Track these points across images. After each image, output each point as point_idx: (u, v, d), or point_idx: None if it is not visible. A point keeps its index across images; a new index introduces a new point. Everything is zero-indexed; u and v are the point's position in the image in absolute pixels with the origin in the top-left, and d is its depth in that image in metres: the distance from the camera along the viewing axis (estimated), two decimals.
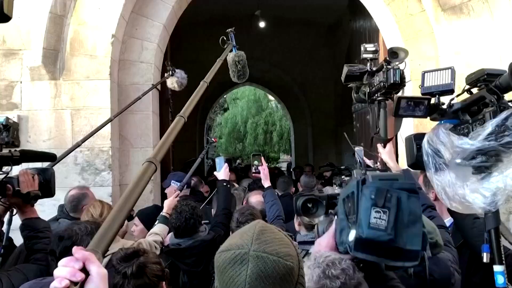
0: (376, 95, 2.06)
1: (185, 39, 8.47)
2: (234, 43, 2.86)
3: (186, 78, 3.79)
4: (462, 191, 1.45)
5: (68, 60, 4.45)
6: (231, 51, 2.88)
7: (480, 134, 1.40)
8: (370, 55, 2.11)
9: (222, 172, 3.49)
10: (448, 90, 1.63)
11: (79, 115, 4.44)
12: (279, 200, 3.35)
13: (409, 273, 1.34)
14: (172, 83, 3.77)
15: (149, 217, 3.30)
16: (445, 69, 1.62)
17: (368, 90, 2.11)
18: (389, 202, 1.23)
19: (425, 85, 1.68)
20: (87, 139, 3.06)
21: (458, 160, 1.45)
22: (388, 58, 1.96)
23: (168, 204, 3.17)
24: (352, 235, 1.29)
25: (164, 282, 2.03)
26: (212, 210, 3.71)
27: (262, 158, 3.53)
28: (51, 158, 2.32)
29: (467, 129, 1.51)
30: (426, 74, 1.68)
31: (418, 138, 1.70)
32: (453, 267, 1.90)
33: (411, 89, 4.72)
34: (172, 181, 4.18)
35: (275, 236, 1.11)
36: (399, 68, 1.94)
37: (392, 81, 1.91)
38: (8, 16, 1.19)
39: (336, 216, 1.52)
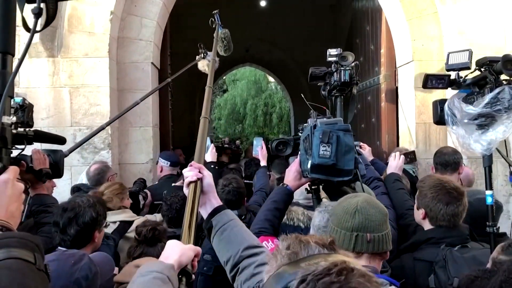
0: (334, 91, 2.57)
1: (185, 18, 8.34)
2: (220, 22, 3.29)
3: (218, 62, 3.74)
4: (468, 141, 2.10)
5: (66, 37, 4.38)
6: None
7: (481, 103, 2.05)
8: (334, 58, 2.51)
9: (209, 154, 3.80)
10: (465, 67, 2.23)
11: (78, 93, 4.39)
12: (277, 182, 3.83)
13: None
14: (203, 65, 3.75)
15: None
16: (464, 50, 2.23)
17: (328, 88, 2.62)
18: (331, 139, 1.81)
19: (449, 63, 2.25)
20: (104, 128, 2.85)
21: (466, 120, 2.09)
22: (338, 61, 2.49)
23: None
24: (309, 163, 1.91)
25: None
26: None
27: (263, 141, 4.09)
28: (61, 141, 2.36)
29: (473, 99, 2.14)
30: (450, 54, 2.25)
31: (441, 102, 2.26)
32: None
33: (413, 69, 4.68)
34: (160, 158, 4.44)
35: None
36: (350, 69, 2.44)
37: (342, 80, 2.43)
38: None
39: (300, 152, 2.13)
